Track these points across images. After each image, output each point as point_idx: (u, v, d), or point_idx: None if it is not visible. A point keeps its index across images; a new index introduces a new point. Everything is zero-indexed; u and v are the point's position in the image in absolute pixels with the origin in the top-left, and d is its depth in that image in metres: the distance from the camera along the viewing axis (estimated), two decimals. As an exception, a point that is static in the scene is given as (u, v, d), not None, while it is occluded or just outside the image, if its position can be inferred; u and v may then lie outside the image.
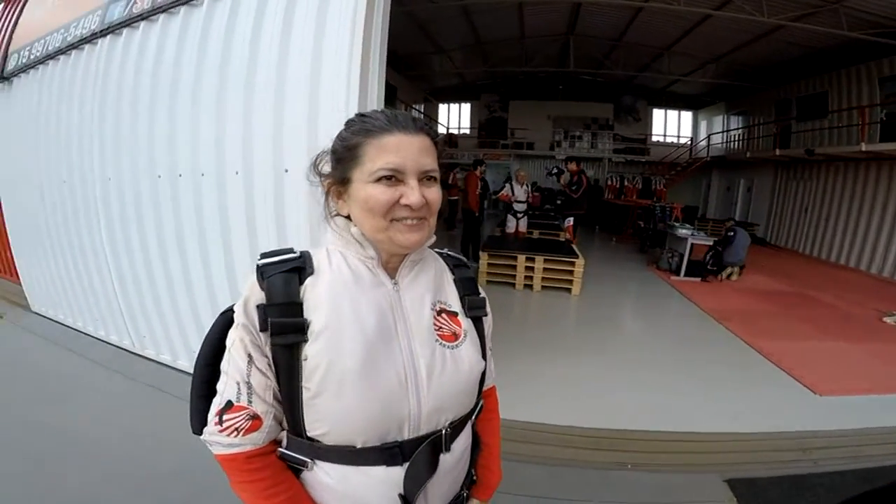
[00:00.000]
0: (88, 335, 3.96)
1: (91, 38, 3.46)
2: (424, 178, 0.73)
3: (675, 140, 16.19)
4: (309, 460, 0.73)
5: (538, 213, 10.76)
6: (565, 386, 3.39)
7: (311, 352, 0.68)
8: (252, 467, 0.71)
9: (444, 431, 0.76)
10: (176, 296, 3.14)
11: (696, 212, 13.44)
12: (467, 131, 17.34)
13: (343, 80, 2.38)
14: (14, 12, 4.97)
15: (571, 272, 5.84)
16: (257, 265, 0.73)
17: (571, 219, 7.62)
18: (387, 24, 2.54)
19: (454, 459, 0.80)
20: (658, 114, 16.35)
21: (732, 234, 7.29)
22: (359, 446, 0.70)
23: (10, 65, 4.33)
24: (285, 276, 0.71)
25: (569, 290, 5.86)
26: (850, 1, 7.13)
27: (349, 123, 0.77)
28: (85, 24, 3.55)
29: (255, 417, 0.71)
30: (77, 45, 3.57)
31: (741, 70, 11.26)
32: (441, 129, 17.03)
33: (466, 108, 17.44)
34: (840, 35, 7.75)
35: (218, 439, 0.71)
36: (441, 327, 0.79)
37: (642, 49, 11.19)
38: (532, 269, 5.92)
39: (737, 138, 13.78)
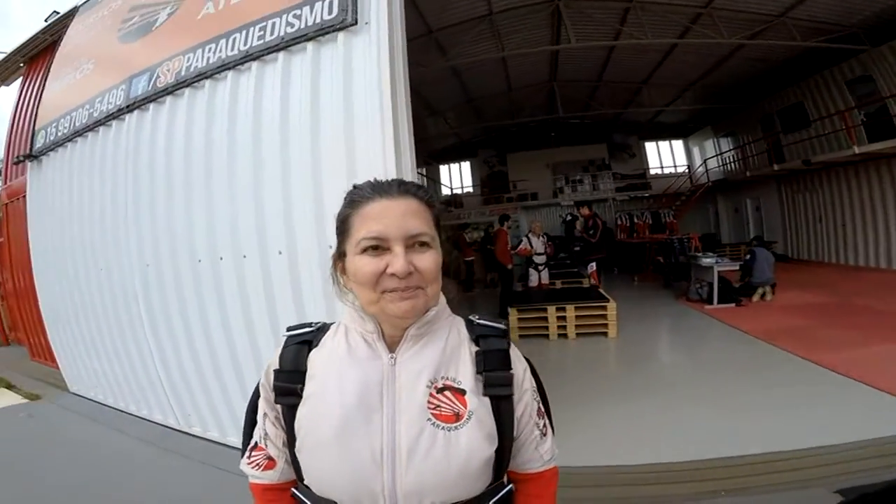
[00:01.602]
0: (131, 414, 3.92)
1: (118, 114, 3.55)
2: (414, 243, 0.72)
3: (672, 170, 16.48)
4: None
5: (554, 263, 10.70)
6: (625, 427, 3.27)
7: (301, 413, 0.76)
8: (266, 498, 0.84)
9: None
10: (223, 375, 3.08)
11: (714, 239, 13.39)
12: (470, 189, 17.68)
13: (378, 149, 2.46)
14: (35, 86, 5.17)
15: (605, 316, 5.76)
16: (284, 337, 0.83)
17: (594, 263, 7.60)
18: (408, 93, 2.67)
19: None
20: (650, 146, 16.76)
21: (750, 255, 7.28)
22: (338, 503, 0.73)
23: (39, 142, 4.39)
24: (296, 347, 0.80)
25: (605, 333, 5.75)
26: (794, 12, 7.64)
27: (345, 196, 0.79)
28: (110, 100, 3.64)
29: (270, 459, 0.82)
30: (104, 121, 3.66)
31: (718, 92, 11.75)
32: (444, 190, 17.42)
33: (466, 166, 17.91)
34: (795, 45, 8.19)
35: (245, 469, 0.85)
36: (439, 406, 0.74)
37: (623, 85, 11.74)
38: (564, 318, 5.83)
39: (732, 159, 14.01)
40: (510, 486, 0.82)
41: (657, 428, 3.18)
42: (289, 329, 0.84)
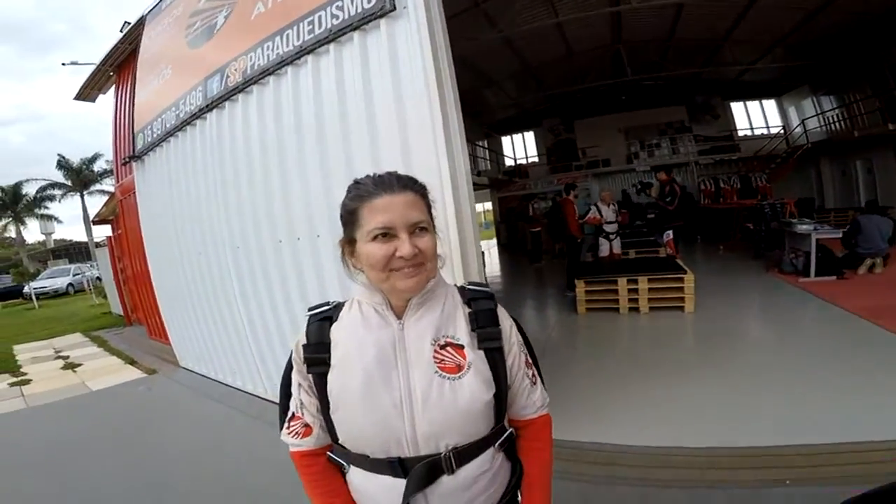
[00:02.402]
0: (228, 385, 4.43)
1: (199, 114, 3.91)
2: (415, 229, 0.84)
3: (764, 132, 14.77)
4: (345, 464, 0.92)
5: (629, 232, 10.16)
6: (697, 407, 3.09)
7: (331, 377, 0.88)
8: (305, 463, 0.95)
9: (443, 455, 0.85)
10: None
11: (812, 204, 11.90)
12: (535, 159, 17.25)
13: (428, 128, 2.55)
14: (127, 91, 5.71)
15: (682, 289, 5.41)
16: (306, 316, 0.96)
17: (671, 232, 7.05)
18: (453, 71, 2.69)
19: (464, 483, 0.87)
20: (737, 107, 15.06)
21: (853, 223, 6.46)
22: (371, 456, 0.86)
23: (139, 144, 4.95)
24: (319, 323, 0.93)
25: (681, 307, 5.40)
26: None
27: (349, 190, 0.91)
28: (191, 101, 4.01)
29: (307, 426, 0.93)
30: (189, 121, 4.05)
31: (814, 48, 10.19)
32: (508, 162, 17.13)
33: (530, 136, 17.49)
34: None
35: (285, 439, 0.96)
36: (443, 360, 0.88)
37: (698, 44, 10.60)
38: (636, 290, 5.57)
39: (836, 119, 12.27)
40: (510, 429, 0.98)
41: (728, 411, 2.98)
42: (310, 309, 0.97)
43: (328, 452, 0.95)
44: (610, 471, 2.48)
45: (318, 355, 0.90)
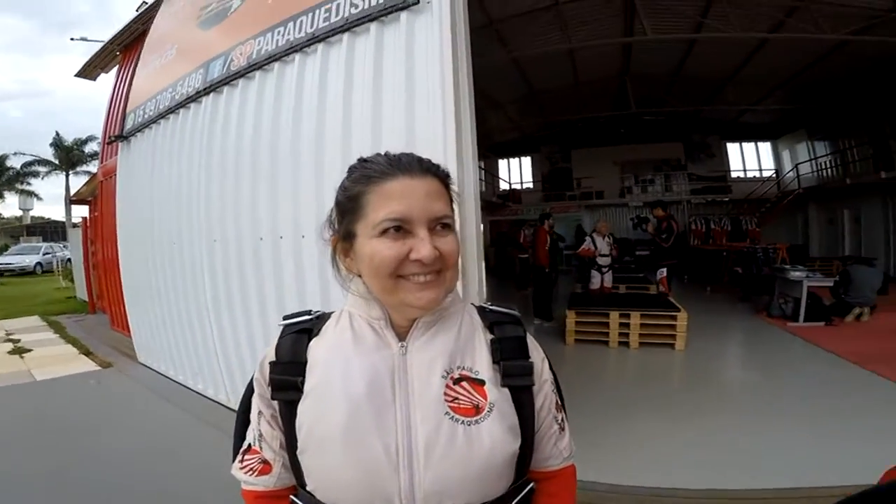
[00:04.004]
0: (187, 388, 4.12)
1: (196, 97, 3.72)
2: (437, 226, 0.65)
3: (757, 174, 15.03)
4: None
5: (618, 267, 10.11)
6: (696, 447, 2.97)
7: (302, 408, 0.67)
8: None
9: None
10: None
11: (804, 251, 12.07)
12: (530, 185, 17.30)
13: (439, 132, 2.38)
14: (129, 71, 5.54)
15: (674, 326, 5.32)
16: (280, 327, 0.75)
17: (665, 269, 7.02)
18: (471, 75, 2.56)
19: None
20: (733, 148, 15.32)
21: (843, 273, 6.62)
22: None
23: (129, 124, 4.77)
24: (294, 336, 0.73)
25: (671, 345, 5.32)
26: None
27: (351, 170, 0.72)
28: (190, 83, 3.82)
29: (265, 462, 0.73)
30: (184, 103, 3.86)
31: (814, 92, 10.47)
32: (503, 185, 17.15)
33: (527, 161, 17.55)
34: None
35: (237, 475, 0.76)
36: (457, 398, 0.67)
37: (704, 82, 10.78)
38: (627, 325, 5.46)
39: (829, 165, 12.56)
40: (532, 484, 0.76)
41: (728, 451, 2.87)
42: (285, 318, 0.77)
43: (291, 497, 0.73)
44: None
45: (287, 377, 0.69)
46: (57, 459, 2.92)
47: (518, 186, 17.47)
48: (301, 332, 0.73)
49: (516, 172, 17.92)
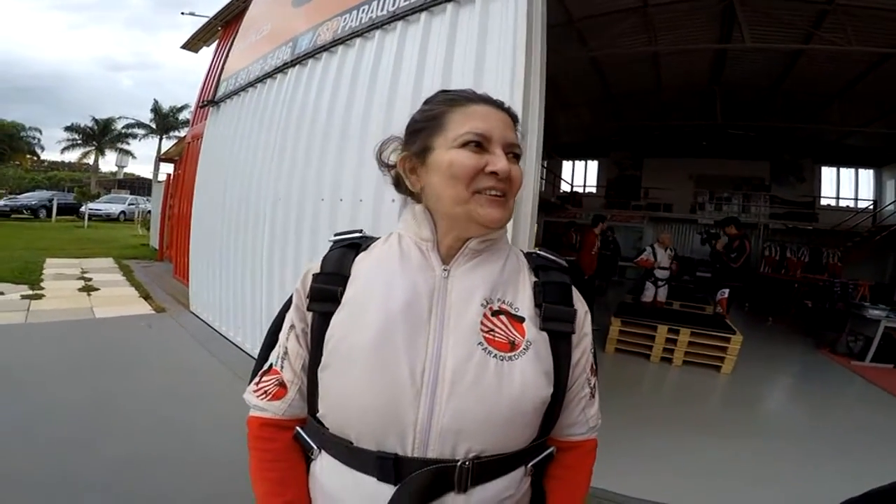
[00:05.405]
0: (228, 339, 4.37)
1: (283, 68, 3.97)
2: (509, 153, 0.68)
3: (851, 203, 13.50)
4: (315, 447, 0.70)
5: (675, 284, 9.60)
6: (716, 470, 2.85)
7: (335, 321, 0.67)
8: (263, 436, 0.72)
9: (460, 464, 0.61)
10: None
11: (889, 291, 10.83)
12: (593, 190, 16.72)
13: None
14: (226, 47, 5.99)
15: (725, 348, 5.02)
16: (329, 242, 0.76)
17: (727, 291, 6.56)
18: (544, 65, 2.53)
19: None
20: (828, 172, 13.74)
21: None
22: (353, 442, 0.64)
23: (221, 91, 5.17)
24: (342, 250, 0.73)
25: (717, 367, 5.04)
26: None
27: (430, 99, 0.75)
28: (279, 55, 4.07)
29: (281, 385, 0.71)
30: (272, 73, 4.13)
31: None
32: (565, 187, 16.76)
33: (593, 165, 16.96)
34: None
35: (249, 398, 0.74)
36: (493, 330, 0.65)
37: (806, 97, 9.74)
38: (674, 341, 5.22)
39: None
40: (552, 449, 0.74)
41: (762, 478, 2.74)
42: (336, 234, 0.78)
43: (297, 428, 0.72)
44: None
45: (328, 286, 0.69)
46: (90, 394, 3.05)
47: (580, 190, 16.98)
48: (349, 247, 0.74)
49: (580, 175, 17.40)
